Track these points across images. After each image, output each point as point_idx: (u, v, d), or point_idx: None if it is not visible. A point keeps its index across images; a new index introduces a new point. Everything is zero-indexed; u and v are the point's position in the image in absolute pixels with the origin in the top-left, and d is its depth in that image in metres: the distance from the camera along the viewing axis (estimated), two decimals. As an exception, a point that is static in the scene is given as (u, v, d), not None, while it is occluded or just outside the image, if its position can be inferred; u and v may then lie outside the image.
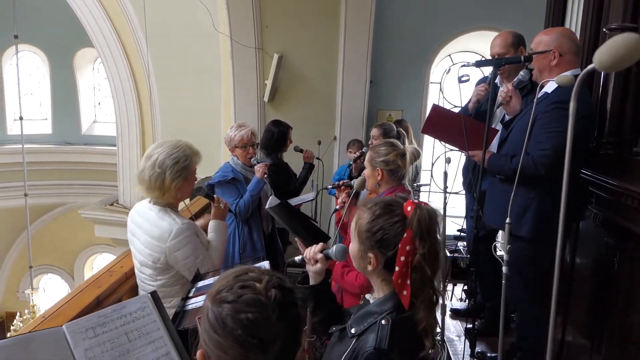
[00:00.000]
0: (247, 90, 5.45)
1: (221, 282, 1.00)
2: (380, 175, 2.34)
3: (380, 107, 5.84)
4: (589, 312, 2.63)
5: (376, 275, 1.41)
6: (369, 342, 1.28)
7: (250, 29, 5.22)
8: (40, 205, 9.56)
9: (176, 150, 2.24)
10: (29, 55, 10.20)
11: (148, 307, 1.53)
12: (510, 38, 2.96)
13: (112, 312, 1.47)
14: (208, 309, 0.97)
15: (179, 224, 2.23)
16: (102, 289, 2.41)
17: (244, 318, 0.92)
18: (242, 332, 0.92)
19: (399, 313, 1.33)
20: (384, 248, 1.35)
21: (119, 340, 1.43)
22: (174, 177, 2.21)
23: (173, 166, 2.21)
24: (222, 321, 0.94)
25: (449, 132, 2.74)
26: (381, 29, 5.56)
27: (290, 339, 0.96)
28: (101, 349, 1.40)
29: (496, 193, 2.69)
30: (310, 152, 4.30)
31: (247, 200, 3.32)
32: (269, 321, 0.93)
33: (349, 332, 1.37)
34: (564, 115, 2.36)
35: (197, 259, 2.28)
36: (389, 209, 1.38)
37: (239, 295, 0.95)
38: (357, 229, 1.41)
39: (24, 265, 8.49)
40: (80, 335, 1.40)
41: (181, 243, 2.23)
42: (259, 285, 0.96)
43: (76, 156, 9.84)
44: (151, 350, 1.46)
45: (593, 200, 2.56)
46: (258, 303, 0.94)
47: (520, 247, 2.51)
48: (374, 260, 1.37)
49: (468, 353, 2.94)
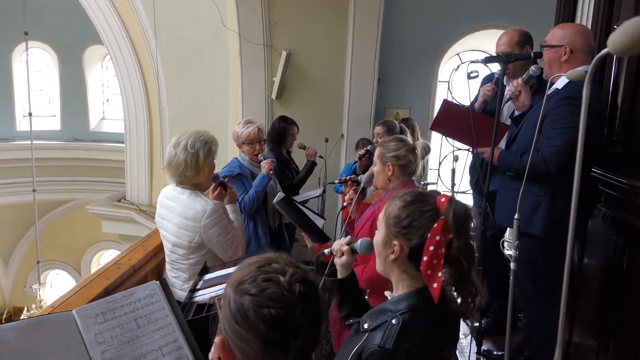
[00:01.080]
0: (255, 88, 5.45)
1: (244, 270, 0.98)
2: (391, 171, 2.31)
3: (388, 105, 5.83)
4: (597, 312, 2.60)
5: (397, 267, 1.37)
6: (375, 340, 1.27)
7: (259, 26, 5.22)
8: (48, 201, 9.63)
9: (201, 135, 2.46)
10: (39, 52, 10.28)
11: (157, 294, 1.54)
12: (517, 36, 2.93)
13: (122, 298, 1.48)
14: (230, 297, 0.96)
15: (211, 205, 2.43)
16: (110, 280, 2.42)
17: (267, 313, 0.91)
18: (265, 327, 0.91)
19: (413, 313, 1.30)
20: (410, 235, 1.32)
21: (128, 326, 1.44)
22: (206, 156, 2.43)
23: (204, 146, 2.43)
24: (245, 313, 0.93)
25: (459, 129, 2.73)
26: (390, 27, 5.54)
27: (312, 334, 0.95)
28: (111, 334, 1.40)
29: (507, 191, 2.67)
30: (312, 150, 4.23)
31: (252, 195, 3.33)
32: (293, 317, 0.92)
33: (362, 326, 1.35)
34: (574, 112, 2.35)
35: (228, 235, 2.47)
36: (422, 198, 1.36)
37: (263, 288, 0.93)
38: (386, 216, 1.38)
39: (31, 261, 8.56)
40: (90, 320, 1.40)
41: (215, 221, 2.42)
42: (283, 278, 0.95)
43: (84, 153, 9.90)
44: (160, 336, 1.46)
45: (602, 199, 2.54)
46: (282, 298, 0.93)
47: (531, 246, 2.49)
48: (398, 248, 1.33)
49: (474, 351, 2.92)
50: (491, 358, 3.08)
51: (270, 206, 3.57)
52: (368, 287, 2.18)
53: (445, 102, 2.84)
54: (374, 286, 2.10)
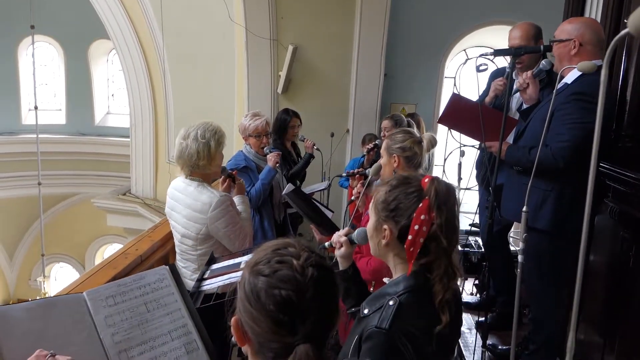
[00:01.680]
0: (261, 82, 5.45)
1: (260, 253, 0.99)
2: (397, 163, 2.32)
3: (394, 100, 5.82)
4: (603, 309, 2.59)
5: (390, 250, 1.40)
6: (373, 321, 1.29)
7: (266, 20, 5.21)
8: (53, 195, 9.66)
9: (209, 125, 2.50)
10: (45, 46, 10.29)
11: (166, 279, 1.55)
12: (532, 30, 2.90)
13: (132, 282, 1.49)
14: (245, 279, 0.97)
15: (217, 197, 2.45)
16: (118, 270, 2.44)
17: (277, 294, 0.92)
18: (274, 308, 0.92)
19: (411, 294, 1.32)
20: (398, 217, 1.35)
21: (138, 309, 1.45)
22: (217, 145, 2.48)
23: (214, 135, 2.47)
24: (257, 294, 0.94)
25: (467, 123, 2.72)
26: (396, 22, 5.53)
27: (323, 319, 0.95)
28: (121, 317, 1.42)
29: (514, 185, 2.66)
30: (309, 142, 4.18)
31: (259, 188, 3.33)
32: (302, 300, 0.92)
33: (362, 312, 1.37)
34: (583, 107, 2.34)
35: (235, 227, 2.50)
36: (406, 181, 1.40)
37: (275, 270, 0.94)
38: (375, 203, 1.42)
39: (36, 254, 8.61)
40: (101, 302, 1.42)
41: (221, 213, 2.45)
42: (297, 262, 0.95)
43: (89, 147, 9.94)
44: (169, 321, 1.48)
45: (609, 194, 2.53)
46: (293, 280, 0.93)
47: (537, 240, 2.49)
48: (388, 232, 1.37)
49: (479, 345, 2.93)
50: (496, 352, 3.09)
51: (276, 199, 3.58)
52: (373, 278, 2.18)
53: (454, 95, 2.83)
54: (379, 277, 2.11)
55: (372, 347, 1.26)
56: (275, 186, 3.53)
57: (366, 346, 1.27)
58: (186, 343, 1.47)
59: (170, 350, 1.44)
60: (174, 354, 1.45)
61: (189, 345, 1.47)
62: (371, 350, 1.26)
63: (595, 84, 2.29)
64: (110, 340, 1.37)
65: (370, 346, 1.26)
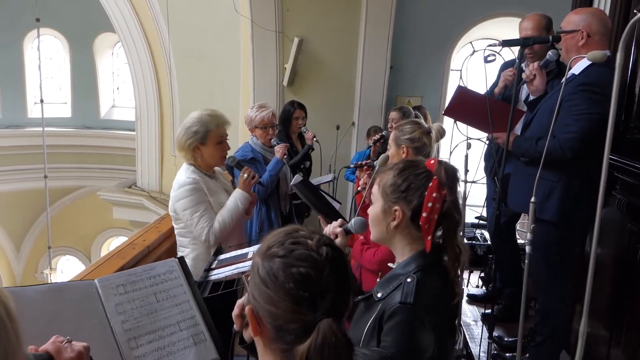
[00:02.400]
0: (266, 74, 5.45)
1: (271, 239, 1.00)
2: (405, 153, 2.32)
3: (400, 93, 5.81)
4: (610, 302, 2.59)
5: (399, 232, 1.42)
6: (395, 298, 1.31)
7: (271, 12, 5.20)
8: (59, 188, 9.70)
9: (196, 116, 2.54)
10: (50, 39, 10.30)
11: (175, 271, 1.57)
12: (543, 21, 2.88)
13: (142, 272, 1.52)
14: (258, 265, 0.97)
15: (184, 178, 2.50)
16: (125, 260, 2.46)
17: (295, 272, 0.93)
18: (294, 286, 0.92)
19: (424, 271, 1.36)
20: (410, 197, 1.39)
21: (147, 299, 1.48)
22: (187, 138, 2.50)
23: (189, 128, 2.51)
24: (274, 275, 0.94)
25: (473, 115, 2.71)
26: (402, 15, 5.51)
27: (340, 296, 0.96)
28: (131, 306, 1.44)
29: (520, 176, 2.65)
30: (310, 134, 4.13)
31: (267, 180, 3.34)
32: (320, 276, 0.93)
33: (375, 296, 1.39)
34: (591, 98, 2.33)
35: (194, 214, 2.47)
36: (413, 164, 1.45)
37: (291, 250, 0.95)
38: (382, 187, 1.44)
39: (42, 246, 8.66)
40: (112, 290, 1.43)
41: (182, 194, 2.48)
42: (311, 242, 0.97)
43: (95, 140, 9.96)
44: (178, 312, 1.50)
45: (617, 186, 2.52)
46: (310, 258, 0.94)
47: (544, 231, 2.48)
48: (399, 213, 1.40)
49: (485, 337, 2.93)
50: (502, 344, 3.09)
51: (282, 191, 3.59)
52: (380, 269, 2.19)
53: (459, 87, 2.82)
54: (386, 268, 2.12)
55: (398, 322, 1.29)
56: (282, 178, 3.54)
57: (390, 324, 1.30)
58: (194, 334, 1.49)
59: (179, 340, 1.47)
60: (182, 344, 1.47)
61: (197, 337, 1.50)
62: (397, 326, 1.28)
63: (602, 74, 2.29)
64: (120, 328, 1.39)
65: (396, 322, 1.29)
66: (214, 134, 2.52)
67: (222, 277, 1.99)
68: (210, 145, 2.53)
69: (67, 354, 1.09)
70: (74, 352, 1.10)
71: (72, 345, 1.12)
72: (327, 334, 0.88)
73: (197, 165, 2.55)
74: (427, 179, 1.39)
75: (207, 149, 2.53)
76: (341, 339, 0.88)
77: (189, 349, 1.47)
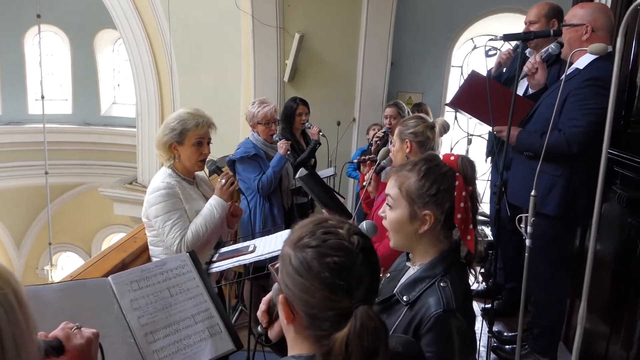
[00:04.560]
0: (267, 70, 5.45)
1: (301, 230, 1.01)
2: (409, 148, 2.31)
3: (401, 89, 5.81)
4: (609, 297, 2.59)
5: (427, 236, 1.39)
6: (433, 306, 1.29)
7: (272, 7, 5.20)
8: (60, 185, 9.71)
9: (177, 114, 2.39)
10: (51, 36, 10.29)
11: (187, 265, 1.58)
12: (546, 9, 2.93)
13: (155, 267, 1.53)
14: (290, 255, 0.98)
15: (158, 182, 2.34)
16: (127, 253, 2.47)
17: (330, 261, 0.93)
18: (330, 275, 0.93)
19: (451, 273, 1.35)
20: (441, 200, 1.36)
21: (161, 294, 1.49)
22: (164, 135, 2.35)
23: (167, 125, 2.36)
24: (308, 265, 0.95)
25: (481, 105, 2.63)
26: (404, 11, 5.51)
27: (373, 284, 0.97)
28: (146, 301, 1.45)
29: (522, 170, 2.66)
30: (315, 129, 4.08)
31: (270, 176, 3.34)
32: (355, 265, 0.94)
33: (401, 299, 1.36)
34: (598, 93, 2.32)
35: (166, 222, 2.29)
36: (434, 163, 1.41)
37: (324, 240, 0.96)
38: (405, 192, 1.39)
39: (43, 243, 8.67)
40: (126, 287, 1.45)
41: (155, 199, 2.31)
42: (342, 231, 0.98)
43: (95, 137, 9.97)
44: (192, 305, 1.51)
45: (618, 181, 2.52)
46: (343, 247, 0.95)
47: (545, 226, 2.49)
48: (431, 217, 1.36)
49: (485, 331, 2.94)
50: (501, 339, 3.11)
51: (284, 187, 3.59)
52: (383, 265, 2.19)
53: (473, 72, 2.80)
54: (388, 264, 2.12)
55: (443, 331, 1.27)
56: (284, 174, 3.54)
57: (433, 334, 1.27)
58: (209, 326, 1.50)
59: (195, 333, 1.48)
60: (198, 337, 1.48)
61: (212, 329, 1.51)
62: (443, 334, 1.27)
63: (608, 69, 2.27)
64: (137, 323, 1.41)
65: (441, 331, 1.27)
66: (192, 133, 2.34)
67: (223, 270, 2.00)
68: (187, 146, 2.36)
69: (76, 340, 1.10)
70: (84, 338, 1.11)
71: (81, 331, 1.13)
72: (365, 320, 0.89)
73: (175, 168, 2.41)
74: (452, 178, 1.37)
75: (184, 149, 2.36)
76: (379, 324, 0.90)
77: (205, 341, 1.48)
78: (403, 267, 1.50)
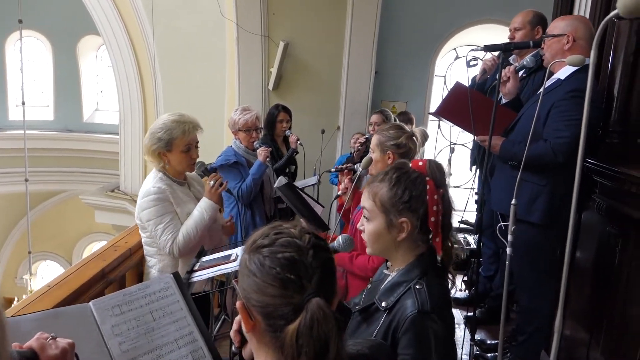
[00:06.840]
0: (252, 78, 5.44)
1: (256, 234, 1.03)
2: (391, 159, 2.29)
3: (385, 98, 5.84)
4: (589, 304, 2.62)
5: (404, 243, 1.41)
6: (409, 308, 1.29)
7: (257, 16, 5.21)
8: (40, 192, 9.56)
9: (162, 122, 2.42)
10: (33, 41, 10.16)
11: (171, 287, 1.55)
12: (530, 16, 3.01)
13: (137, 290, 1.49)
14: (246, 260, 1.00)
15: (149, 186, 2.39)
16: (107, 262, 2.43)
17: (281, 257, 0.95)
18: (280, 270, 0.94)
19: (427, 276, 1.36)
20: (414, 206, 1.38)
21: (144, 318, 1.45)
22: (152, 144, 2.40)
23: (153, 134, 2.40)
24: (261, 264, 0.96)
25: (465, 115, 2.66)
26: (388, 20, 5.56)
27: (325, 279, 0.98)
28: (127, 326, 1.41)
29: (505, 179, 2.67)
30: (293, 137, 4.07)
31: (250, 183, 3.32)
32: (305, 259, 0.96)
33: (380, 306, 1.37)
34: (581, 104, 2.35)
35: (158, 225, 2.37)
36: (403, 170, 1.43)
37: (276, 239, 0.98)
38: (379, 203, 1.41)
39: (22, 251, 8.50)
40: (107, 312, 1.41)
41: (147, 204, 2.38)
42: (294, 230, 1.00)
43: (77, 144, 9.82)
44: (175, 329, 1.48)
45: (596, 190, 2.56)
46: (294, 244, 0.97)
47: (530, 233, 2.51)
48: (407, 224, 1.38)
49: (467, 339, 2.94)
50: (484, 347, 3.11)
51: (266, 194, 3.58)
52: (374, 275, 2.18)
53: (457, 84, 2.83)
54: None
55: (419, 332, 1.27)
56: (266, 181, 3.53)
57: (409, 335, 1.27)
58: (192, 351, 1.47)
59: (178, 358, 1.44)
60: None
61: (195, 353, 1.48)
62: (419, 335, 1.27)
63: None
64: (118, 350, 1.37)
65: (417, 332, 1.27)
66: (179, 141, 2.40)
67: (204, 279, 1.98)
68: (175, 153, 2.42)
69: (51, 350, 1.08)
70: (59, 349, 1.09)
71: (56, 341, 1.10)
72: (316, 311, 0.89)
73: (165, 171, 2.45)
74: (423, 183, 1.39)
75: (173, 155, 2.42)
76: (330, 316, 0.90)
77: None
78: (384, 276, 1.50)
